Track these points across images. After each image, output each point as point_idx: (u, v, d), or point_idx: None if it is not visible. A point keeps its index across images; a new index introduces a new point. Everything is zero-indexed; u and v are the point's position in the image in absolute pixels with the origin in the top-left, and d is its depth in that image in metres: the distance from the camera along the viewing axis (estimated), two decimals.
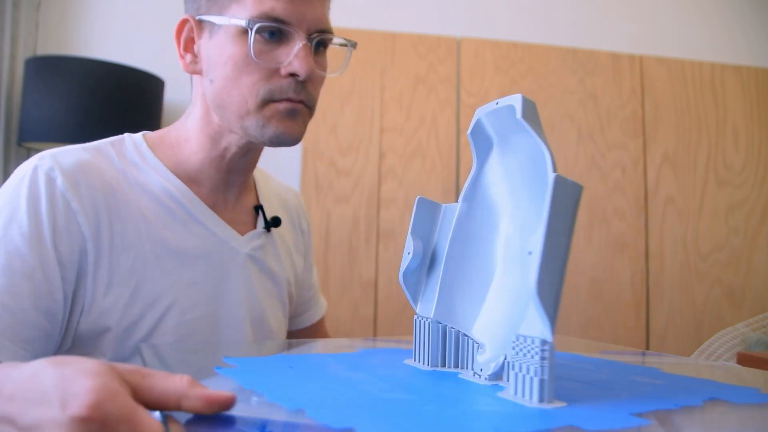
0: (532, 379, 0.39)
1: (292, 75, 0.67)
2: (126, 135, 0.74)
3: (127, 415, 0.31)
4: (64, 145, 0.74)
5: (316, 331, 0.96)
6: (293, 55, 0.66)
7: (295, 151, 2.00)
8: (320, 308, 0.97)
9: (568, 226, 0.40)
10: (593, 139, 2.12)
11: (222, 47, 0.68)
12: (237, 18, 0.66)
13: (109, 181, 0.67)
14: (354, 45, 0.75)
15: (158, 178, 0.71)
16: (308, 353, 0.61)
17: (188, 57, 0.72)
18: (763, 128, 2.21)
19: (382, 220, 2.00)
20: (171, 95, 1.98)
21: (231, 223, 0.76)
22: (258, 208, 0.80)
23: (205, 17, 0.69)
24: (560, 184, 0.39)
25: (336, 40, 0.73)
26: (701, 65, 2.21)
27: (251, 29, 0.65)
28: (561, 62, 2.14)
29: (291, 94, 0.67)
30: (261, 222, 0.80)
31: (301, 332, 0.95)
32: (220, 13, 0.68)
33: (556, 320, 0.39)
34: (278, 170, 1.14)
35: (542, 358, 0.39)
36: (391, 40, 2.09)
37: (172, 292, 0.68)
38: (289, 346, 0.68)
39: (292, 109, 0.68)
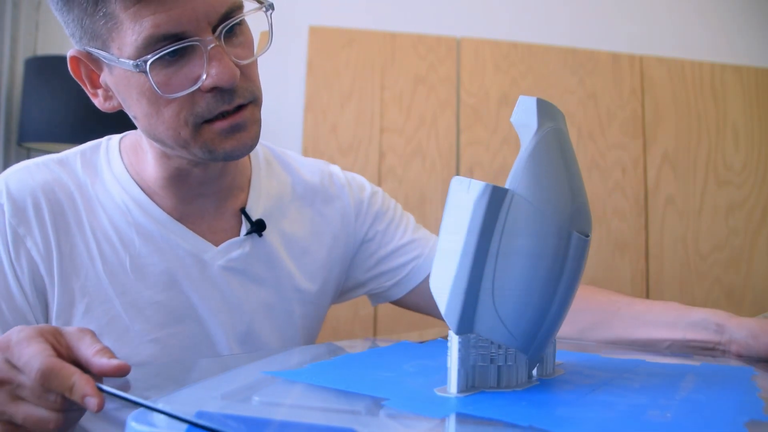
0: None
1: (217, 87, 0.57)
2: (106, 138, 0.71)
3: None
4: (64, 144, 0.73)
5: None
6: (206, 66, 0.56)
7: (295, 151, 2.00)
8: (429, 252, 0.83)
9: (466, 225, 0.41)
10: (593, 139, 2.12)
11: (127, 83, 0.59)
12: (123, 58, 0.56)
13: (60, 201, 0.64)
14: (271, 6, 0.62)
15: (119, 189, 0.66)
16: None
17: (100, 93, 0.63)
18: (763, 128, 2.21)
19: None
20: None
21: (209, 232, 0.69)
22: (244, 212, 0.72)
23: (92, 50, 0.59)
24: (456, 184, 0.42)
25: (248, 7, 0.60)
26: (701, 65, 2.21)
27: (146, 73, 0.55)
28: (561, 62, 2.14)
29: (223, 107, 0.59)
30: (244, 229, 0.71)
31: (417, 290, 0.84)
32: (103, 49, 0.58)
33: (461, 315, 0.42)
34: None
35: (447, 348, 0.42)
36: (391, 40, 2.09)
37: (130, 313, 0.64)
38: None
39: (232, 126, 0.60)
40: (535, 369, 0.48)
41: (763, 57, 2.33)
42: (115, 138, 0.71)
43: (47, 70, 1.76)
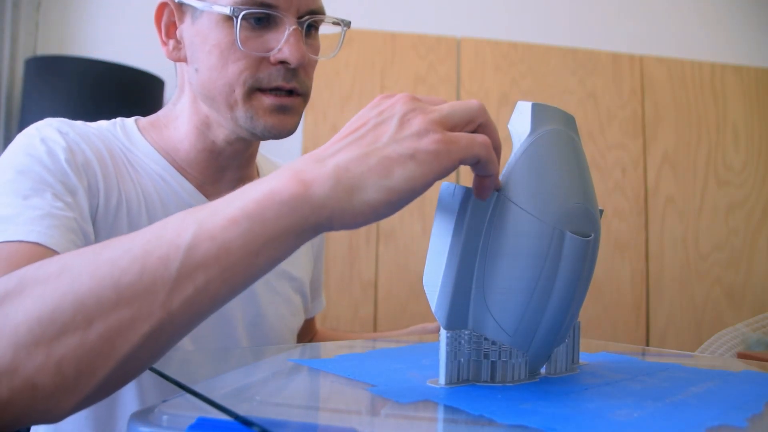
0: None
1: (282, 62, 0.63)
2: (118, 119, 0.73)
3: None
4: None
5: (307, 325, 0.93)
6: (283, 42, 0.63)
7: (295, 151, 2.00)
8: (319, 305, 0.94)
9: (451, 227, 0.43)
10: (593, 139, 2.12)
11: (206, 34, 0.64)
12: (220, 5, 0.62)
13: (113, 151, 0.66)
14: (348, 24, 0.70)
15: (147, 161, 0.69)
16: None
17: (171, 43, 0.68)
18: (763, 128, 2.21)
19: (382, 220, 2.00)
20: (171, 95, 1.98)
21: None
22: None
23: (185, 0, 0.65)
24: (444, 189, 0.44)
25: (328, 20, 0.69)
26: (701, 65, 2.21)
27: (236, 19, 0.61)
28: (561, 62, 2.14)
29: (280, 82, 0.64)
30: None
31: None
32: None
33: (449, 312, 0.43)
34: None
35: (439, 341, 0.44)
36: (391, 40, 2.09)
37: None
38: (279, 352, 0.69)
39: (280, 105, 0.65)
40: (544, 366, 0.49)
41: (763, 57, 2.33)
42: (127, 120, 0.73)
43: (47, 70, 1.76)
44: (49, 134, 0.62)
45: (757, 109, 2.21)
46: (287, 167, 0.39)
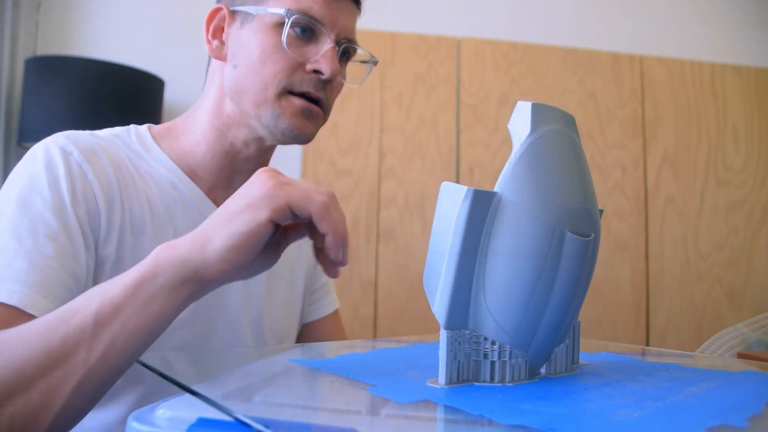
0: None
1: (317, 72, 0.69)
2: (132, 126, 0.74)
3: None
4: None
5: (329, 324, 0.91)
6: (321, 54, 0.68)
7: (295, 151, 2.00)
8: (331, 302, 0.93)
9: (452, 227, 0.43)
10: (593, 139, 2.12)
11: (252, 35, 0.69)
12: (275, 8, 0.68)
13: (119, 163, 0.68)
14: (376, 62, 0.77)
15: (159, 167, 0.71)
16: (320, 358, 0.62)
17: (215, 42, 0.72)
18: (763, 128, 2.21)
19: (382, 220, 2.00)
20: (171, 95, 1.98)
21: None
22: None
23: (240, 8, 0.70)
24: (444, 189, 0.44)
25: (360, 51, 0.75)
26: (701, 65, 2.21)
27: (288, 19, 0.67)
28: (561, 62, 2.14)
29: (311, 89, 0.69)
30: None
31: (313, 325, 0.91)
32: (257, 4, 0.70)
33: (449, 311, 0.43)
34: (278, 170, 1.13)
35: (439, 341, 0.44)
36: (391, 40, 2.09)
37: None
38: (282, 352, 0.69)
39: (308, 108, 0.69)
40: (544, 366, 0.49)
41: (763, 57, 2.33)
42: (140, 127, 0.75)
43: (47, 70, 1.76)
44: (54, 158, 0.64)
45: (757, 109, 2.21)
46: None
